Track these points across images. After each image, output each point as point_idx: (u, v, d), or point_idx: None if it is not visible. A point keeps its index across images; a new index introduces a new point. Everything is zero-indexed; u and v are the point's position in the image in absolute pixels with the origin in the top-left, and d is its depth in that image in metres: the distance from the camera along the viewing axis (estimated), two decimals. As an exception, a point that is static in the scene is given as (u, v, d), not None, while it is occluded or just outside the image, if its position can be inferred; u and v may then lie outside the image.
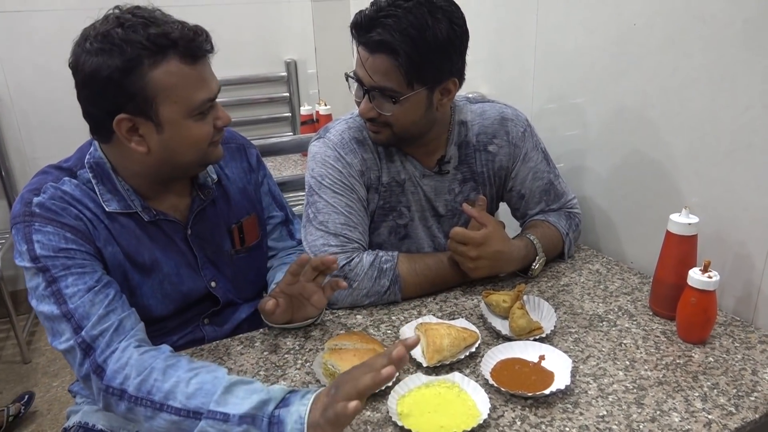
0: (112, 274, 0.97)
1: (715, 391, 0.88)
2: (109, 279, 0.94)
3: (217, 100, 0.98)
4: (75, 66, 0.90)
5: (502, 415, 0.84)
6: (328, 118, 2.45)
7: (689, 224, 1.02)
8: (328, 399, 0.73)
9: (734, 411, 0.84)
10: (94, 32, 0.88)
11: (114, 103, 0.89)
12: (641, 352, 0.98)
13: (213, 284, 1.11)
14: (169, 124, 0.92)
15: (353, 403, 0.69)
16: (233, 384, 0.79)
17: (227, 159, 1.15)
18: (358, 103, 1.14)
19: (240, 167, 1.17)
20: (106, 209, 0.97)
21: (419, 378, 0.90)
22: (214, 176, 1.12)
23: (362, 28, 1.05)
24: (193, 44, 0.90)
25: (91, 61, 0.87)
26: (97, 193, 0.97)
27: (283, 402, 0.76)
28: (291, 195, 1.83)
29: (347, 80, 1.14)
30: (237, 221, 1.15)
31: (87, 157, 0.99)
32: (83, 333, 0.86)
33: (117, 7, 0.92)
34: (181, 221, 1.06)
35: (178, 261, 1.06)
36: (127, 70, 0.87)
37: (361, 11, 1.06)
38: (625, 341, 1.01)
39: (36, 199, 0.92)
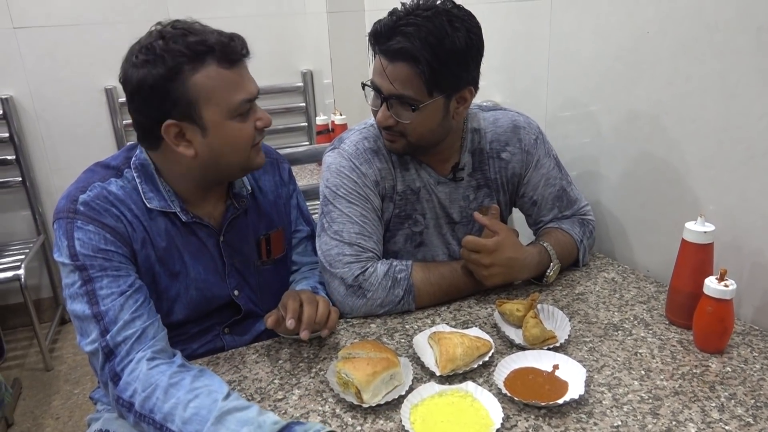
0: (143, 276, 1.00)
1: (732, 401, 0.87)
2: (141, 284, 0.97)
3: None
4: (124, 80, 0.95)
5: (516, 425, 0.84)
6: (344, 127, 2.47)
7: (705, 232, 1.01)
8: None
9: (752, 422, 0.82)
10: (138, 47, 0.94)
11: (160, 110, 0.94)
12: (657, 362, 0.97)
13: (236, 293, 1.13)
14: (213, 126, 0.96)
15: None
16: (226, 413, 0.79)
17: (261, 172, 1.18)
18: (375, 112, 1.15)
19: (273, 181, 1.20)
20: (148, 205, 1.00)
21: (432, 387, 0.90)
22: (249, 187, 1.15)
23: (382, 36, 1.06)
24: (228, 49, 0.95)
25: (137, 73, 0.92)
26: (140, 191, 1.01)
27: None
28: (307, 204, 1.84)
29: (363, 89, 1.16)
30: (265, 233, 1.17)
31: (133, 159, 1.03)
32: (108, 337, 0.89)
33: (159, 23, 0.97)
34: (215, 227, 1.09)
35: (206, 266, 1.09)
36: (169, 78, 0.92)
37: (379, 20, 1.08)
38: (640, 350, 1.00)
39: (82, 197, 0.96)
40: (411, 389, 0.91)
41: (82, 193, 0.96)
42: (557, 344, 1.00)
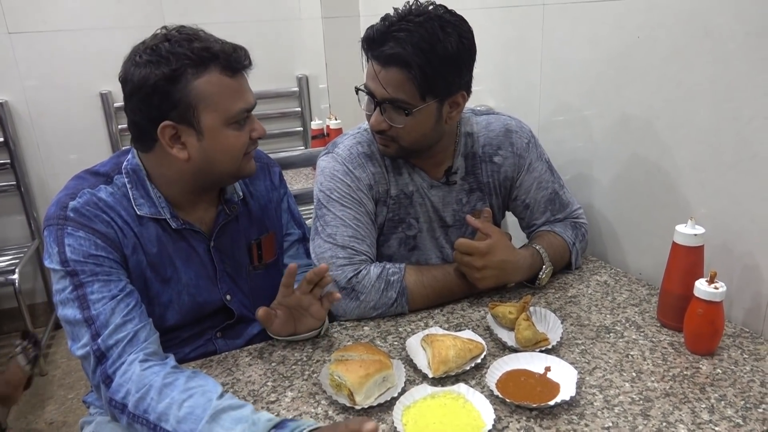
0: (134, 281, 1.00)
1: (722, 402, 0.87)
2: (132, 288, 0.97)
3: None
4: (124, 78, 0.96)
5: (507, 426, 0.85)
6: (339, 131, 2.47)
7: (695, 235, 1.02)
8: None
9: (742, 423, 0.83)
10: (143, 47, 0.94)
11: (159, 110, 0.94)
12: (648, 364, 0.98)
13: (228, 297, 1.14)
14: (209, 131, 0.97)
15: None
16: (220, 411, 0.79)
17: (253, 177, 1.18)
18: (369, 117, 1.16)
19: (264, 185, 1.21)
20: (138, 212, 1.01)
21: (425, 389, 0.91)
22: (240, 193, 1.15)
23: (374, 41, 1.07)
24: (232, 58, 0.96)
25: (140, 72, 0.93)
26: (131, 197, 1.01)
27: None
28: (301, 208, 1.85)
29: (357, 93, 1.17)
30: (257, 238, 1.18)
31: (125, 163, 1.03)
32: (99, 341, 0.89)
33: (164, 27, 0.98)
34: (205, 233, 1.09)
35: (198, 272, 1.09)
36: (172, 79, 0.92)
37: (372, 26, 1.09)
38: (632, 353, 1.01)
39: (71, 204, 0.96)
40: (403, 391, 0.91)
41: (71, 200, 0.96)
42: (549, 346, 1.01)
